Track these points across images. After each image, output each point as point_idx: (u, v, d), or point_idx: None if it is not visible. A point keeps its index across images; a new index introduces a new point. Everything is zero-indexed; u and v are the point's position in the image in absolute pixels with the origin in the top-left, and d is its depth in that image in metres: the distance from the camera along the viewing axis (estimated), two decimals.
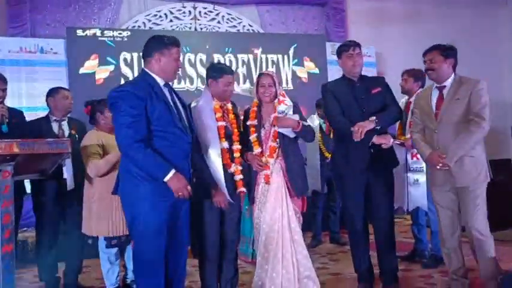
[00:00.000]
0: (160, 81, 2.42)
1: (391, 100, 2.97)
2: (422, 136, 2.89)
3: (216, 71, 2.86)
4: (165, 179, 2.25)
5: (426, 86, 2.99)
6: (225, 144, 2.78)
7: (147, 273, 2.34)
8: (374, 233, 3.03)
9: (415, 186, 3.70)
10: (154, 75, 2.41)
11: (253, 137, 2.89)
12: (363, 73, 3.03)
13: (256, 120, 2.92)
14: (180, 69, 2.50)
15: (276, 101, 2.89)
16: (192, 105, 2.79)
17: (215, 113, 2.80)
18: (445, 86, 2.83)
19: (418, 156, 3.31)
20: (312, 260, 2.94)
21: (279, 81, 3.02)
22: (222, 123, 2.80)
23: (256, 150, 2.87)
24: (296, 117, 2.83)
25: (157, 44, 2.41)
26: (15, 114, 3.20)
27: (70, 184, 3.15)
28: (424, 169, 3.48)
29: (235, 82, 3.08)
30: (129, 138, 2.24)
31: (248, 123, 2.93)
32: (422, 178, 3.59)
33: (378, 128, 2.80)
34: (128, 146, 2.26)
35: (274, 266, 2.74)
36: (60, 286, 3.40)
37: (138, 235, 2.35)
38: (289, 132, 2.83)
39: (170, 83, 2.52)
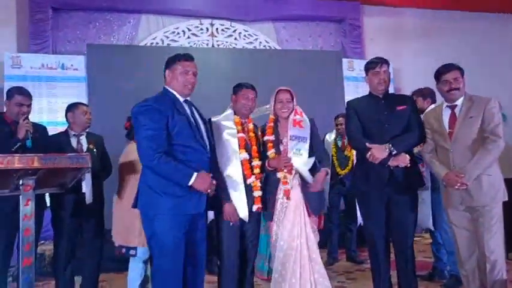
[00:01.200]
0: (180, 98, 2.48)
1: (415, 122, 2.88)
2: (435, 156, 2.86)
3: (236, 86, 2.94)
4: (190, 183, 2.30)
5: (435, 105, 2.94)
6: (245, 155, 2.79)
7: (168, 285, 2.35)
8: (394, 252, 2.96)
9: (420, 206, 3.62)
10: (173, 91, 2.49)
11: (271, 152, 2.88)
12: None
13: (273, 136, 2.92)
14: (193, 82, 2.51)
15: (291, 122, 2.89)
16: (213, 119, 2.83)
17: (235, 126, 2.83)
18: (456, 105, 2.81)
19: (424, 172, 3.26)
20: (329, 278, 2.90)
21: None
22: (242, 135, 2.83)
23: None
24: (311, 160, 2.84)
25: (167, 61, 2.53)
26: (39, 129, 3.26)
27: (89, 198, 3.17)
28: (429, 187, 3.46)
29: None
30: (150, 150, 2.30)
31: (265, 138, 2.93)
32: (427, 198, 3.51)
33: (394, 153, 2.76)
34: (149, 158, 2.30)
35: (291, 285, 2.70)
36: None
37: (157, 250, 2.37)
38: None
39: (189, 99, 2.56)
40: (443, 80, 2.84)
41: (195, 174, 2.31)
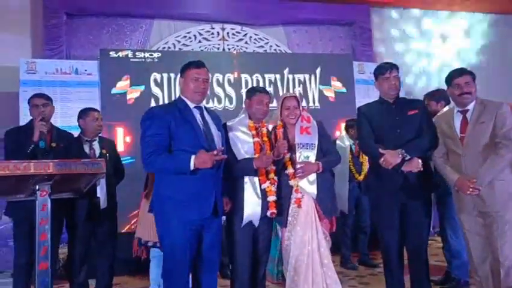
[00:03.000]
0: (191, 104, 2.55)
1: (426, 126, 2.86)
2: (446, 160, 2.84)
3: (250, 91, 2.97)
4: (192, 167, 2.35)
5: (446, 109, 2.93)
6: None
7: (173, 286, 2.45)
8: (408, 257, 2.95)
9: None
10: (185, 99, 2.57)
11: (286, 158, 2.87)
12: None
13: (282, 139, 2.92)
14: (203, 89, 2.56)
15: (298, 129, 2.90)
16: (228, 124, 2.87)
17: (250, 131, 2.85)
18: (468, 110, 2.79)
19: None
20: (341, 282, 2.89)
21: (305, 100, 3.03)
22: (257, 140, 2.84)
23: (289, 170, 2.86)
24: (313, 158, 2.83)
25: (181, 69, 2.60)
26: (64, 137, 3.39)
27: (103, 203, 3.22)
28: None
29: None
30: (145, 153, 2.40)
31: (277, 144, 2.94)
32: None
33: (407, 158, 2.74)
34: (146, 159, 2.40)
35: None
36: None
37: (165, 252, 2.48)
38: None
39: (202, 105, 2.62)
40: (454, 84, 2.83)
41: (192, 156, 2.35)
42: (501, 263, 2.63)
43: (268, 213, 2.77)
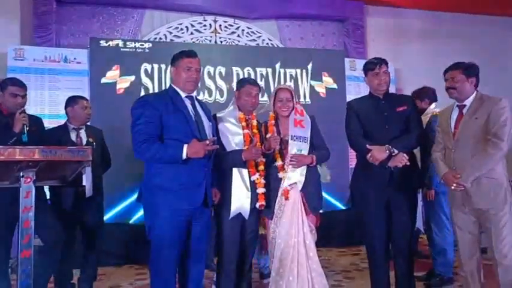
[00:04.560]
0: (182, 93, 2.52)
1: (415, 122, 2.87)
2: (442, 155, 2.83)
3: (239, 82, 2.98)
4: (184, 156, 2.34)
5: (449, 104, 2.93)
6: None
7: (160, 280, 2.43)
8: (393, 253, 2.95)
9: None
10: (176, 88, 2.54)
11: (276, 150, 2.86)
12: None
13: (275, 134, 2.92)
14: (195, 78, 2.55)
15: (291, 121, 2.89)
16: (218, 115, 2.86)
17: (239, 123, 2.84)
18: (465, 105, 2.77)
19: None
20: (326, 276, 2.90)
21: (297, 95, 3.02)
22: (247, 131, 2.84)
23: (278, 163, 2.87)
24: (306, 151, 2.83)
25: (172, 58, 2.57)
26: (35, 121, 3.13)
27: (89, 191, 3.19)
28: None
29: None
30: (137, 141, 2.38)
31: (268, 136, 2.93)
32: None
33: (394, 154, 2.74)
34: (138, 147, 2.38)
35: (289, 283, 2.71)
36: None
37: (154, 241, 2.44)
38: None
39: (193, 95, 2.60)
40: (444, 78, 2.84)
41: (185, 146, 2.35)
42: (499, 263, 2.60)
43: (257, 205, 2.78)
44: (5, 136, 2.81)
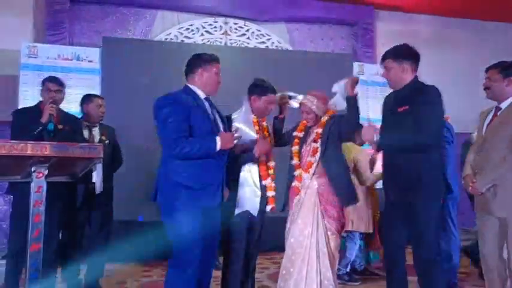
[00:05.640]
0: (202, 95, 2.56)
1: (418, 124, 2.44)
2: (473, 157, 2.72)
3: (261, 89, 2.89)
4: (218, 148, 2.40)
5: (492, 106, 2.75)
6: (262, 156, 2.82)
7: (183, 278, 2.40)
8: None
9: None
10: (196, 89, 2.55)
11: (295, 149, 2.89)
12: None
13: (302, 133, 2.93)
14: (219, 83, 2.61)
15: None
16: (233, 116, 2.88)
17: (254, 126, 2.87)
18: (501, 108, 2.63)
19: None
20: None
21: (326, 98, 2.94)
22: (259, 135, 2.86)
23: (295, 161, 2.88)
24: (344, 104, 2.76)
25: (202, 60, 2.57)
26: (69, 120, 3.28)
27: (99, 188, 3.23)
28: None
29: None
30: (171, 139, 2.38)
31: (294, 133, 2.94)
32: None
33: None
34: (172, 144, 2.38)
35: (297, 283, 2.71)
36: None
37: (176, 244, 2.43)
38: (341, 101, 2.79)
39: (209, 96, 2.63)
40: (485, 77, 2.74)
41: (217, 138, 2.42)
42: (510, 271, 2.53)
43: (268, 209, 2.81)
44: (33, 127, 2.96)
